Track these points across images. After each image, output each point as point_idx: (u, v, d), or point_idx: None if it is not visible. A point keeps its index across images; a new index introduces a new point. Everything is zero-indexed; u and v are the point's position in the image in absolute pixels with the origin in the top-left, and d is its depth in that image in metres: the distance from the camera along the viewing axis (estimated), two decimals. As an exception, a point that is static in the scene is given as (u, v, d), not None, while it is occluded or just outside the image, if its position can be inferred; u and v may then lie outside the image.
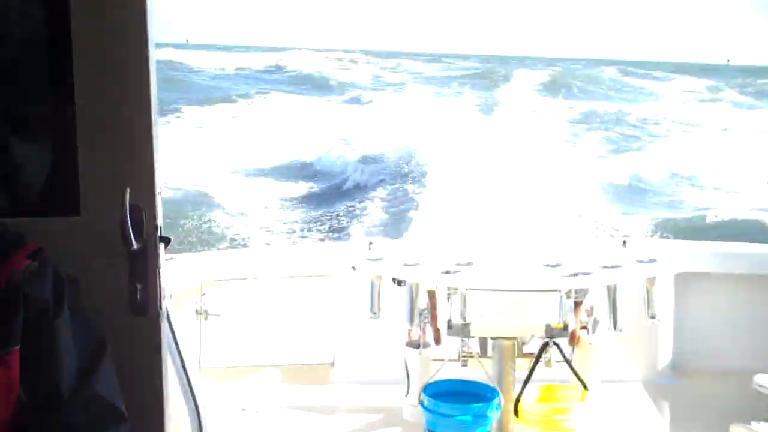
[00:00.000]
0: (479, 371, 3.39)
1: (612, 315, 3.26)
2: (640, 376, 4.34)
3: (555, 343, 3.27)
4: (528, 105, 29.07)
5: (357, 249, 4.51)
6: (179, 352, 2.36)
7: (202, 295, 4.71)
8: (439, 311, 3.36)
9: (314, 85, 36.30)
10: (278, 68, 46.02)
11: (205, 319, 4.70)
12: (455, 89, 34.22)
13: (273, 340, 4.70)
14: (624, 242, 4.38)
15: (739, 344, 4.36)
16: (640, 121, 27.25)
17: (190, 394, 2.44)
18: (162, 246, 1.83)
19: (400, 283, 3.42)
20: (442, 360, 3.36)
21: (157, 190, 1.81)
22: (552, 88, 36.14)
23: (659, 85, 42.69)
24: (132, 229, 1.71)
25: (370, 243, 4.57)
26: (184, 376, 2.37)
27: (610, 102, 32.68)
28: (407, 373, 3.43)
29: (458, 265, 3.36)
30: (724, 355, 4.35)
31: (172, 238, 1.87)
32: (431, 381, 3.34)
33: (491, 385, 3.32)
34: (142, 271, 1.77)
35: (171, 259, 4.79)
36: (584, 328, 3.34)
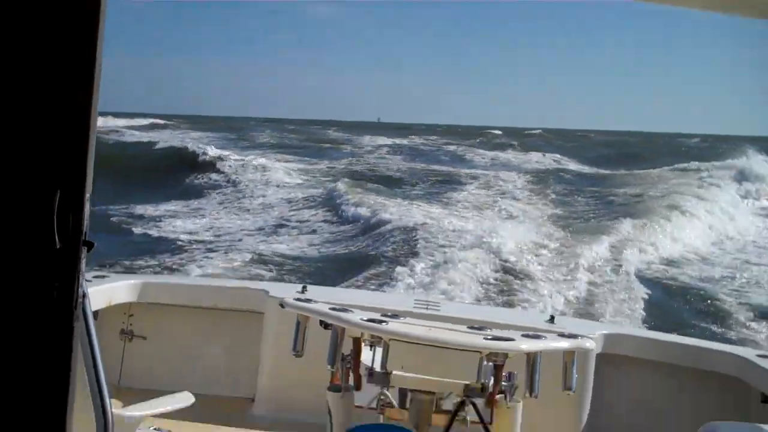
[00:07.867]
0: (395, 422, 3.40)
1: (529, 382, 3.31)
2: None
3: (472, 403, 3.30)
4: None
5: (291, 290, 4.55)
6: (95, 364, 2.33)
7: (130, 315, 4.69)
8: (361, 358, 3.39)
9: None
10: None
11: (130, 339, 4.68)
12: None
13: (196, 368, 4.67)
14: (552, 318, 4.54)
15: (652, 428, 4.45)
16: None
17: (100, 409, 2.41)
18: (84, 249, 1.84)
19: (327, 326, 3.45)
20: (362, 407, 3.38)
21: (86, 195, 1.82)
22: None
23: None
24: (57, 230, 1.73)
25: (304, 286, 4.62)
26: (96, 389, 2.34)
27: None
28: (329, 416, 3.43)
29: (385, 315, 3.40)
30: None
31: (96, 243, 1.88)
32: (352, 427, 3.34)
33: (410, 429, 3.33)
34: (61, 271, 1.78)
35: (105, 276, 4.77)
36: (503, 392, 3.38)
